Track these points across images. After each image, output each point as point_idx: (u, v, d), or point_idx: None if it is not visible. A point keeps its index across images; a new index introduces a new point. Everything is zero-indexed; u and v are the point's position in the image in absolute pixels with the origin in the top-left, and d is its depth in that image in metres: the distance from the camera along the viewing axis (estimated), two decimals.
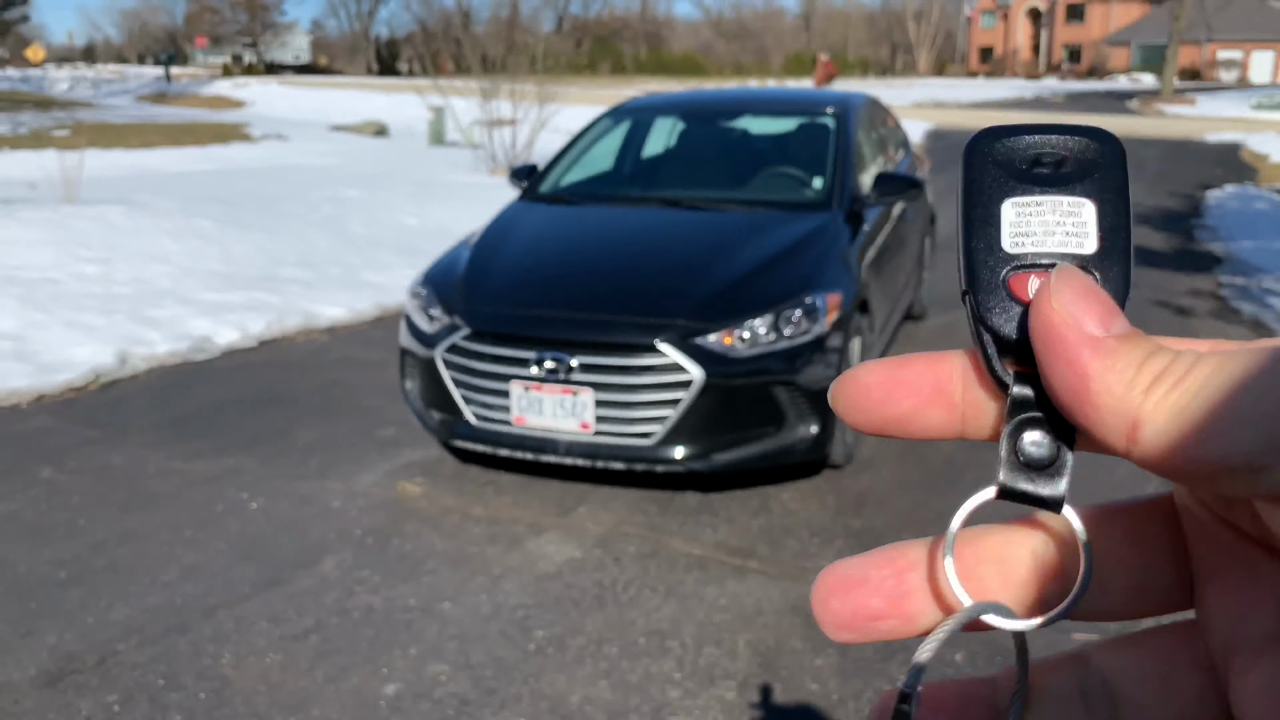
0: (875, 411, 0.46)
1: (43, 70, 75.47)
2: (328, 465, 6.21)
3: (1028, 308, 0.43)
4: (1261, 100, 47.62)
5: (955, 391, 0.46)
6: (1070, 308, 0.42)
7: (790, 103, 9.05)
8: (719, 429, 5.38)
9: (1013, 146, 0.46)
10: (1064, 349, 0.41)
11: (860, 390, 0.46)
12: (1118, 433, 0.40)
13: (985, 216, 0.45)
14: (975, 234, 0.45)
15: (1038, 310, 0.42)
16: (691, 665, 4.22)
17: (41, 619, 4.54)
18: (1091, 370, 0.40)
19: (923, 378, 0.46)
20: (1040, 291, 0.42)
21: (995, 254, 0.44)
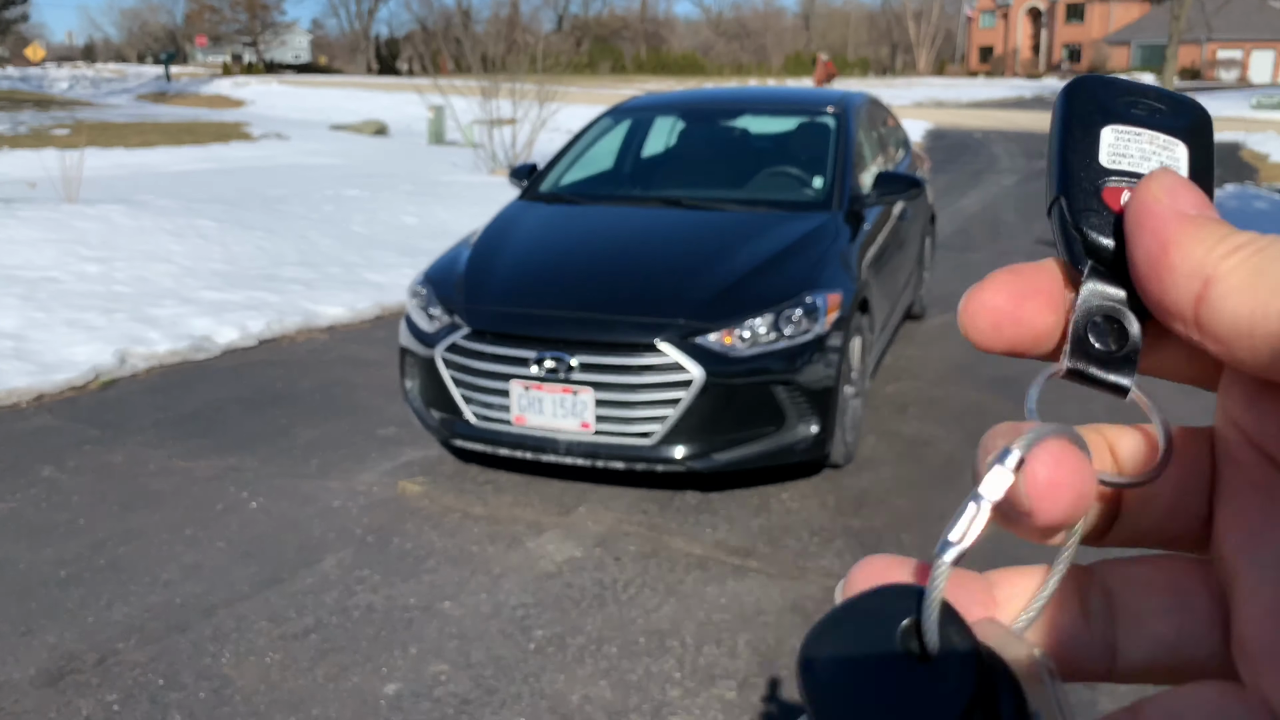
0: (1010, 330, 0.45)
1: (43, 69, 75.43)
2: (328, 464, 6.21)
3: (1119, 217, 0.43)
4: (1261, 99, 47.56)
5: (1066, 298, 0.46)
6: (1167, 191, 0.42)
7: (790, 102, 9.05)
8: (719, 428, 5.38)
9: (1114, 89, 0.46)
10: (1153, 220, 0.41)
11: (989, 312, 0.45)
12: (1188, 293, 0.40)
13: (1085, 136, 0.45)
14: (1073, 148, 0.45)
15: (1137, 195, 0.43)
16: (691, 664, 4.22)
17: (42, 618, 4.54)
18: (1174, 236, 0.41)
19: (1043, 286, 0.46)
20: (1141, 182, 0.43)
21: (1092, 167, 0.45)
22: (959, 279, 10.82)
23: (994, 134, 31.78)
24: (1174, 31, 57.96)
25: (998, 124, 36.26)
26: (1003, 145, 27.92)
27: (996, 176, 21.22)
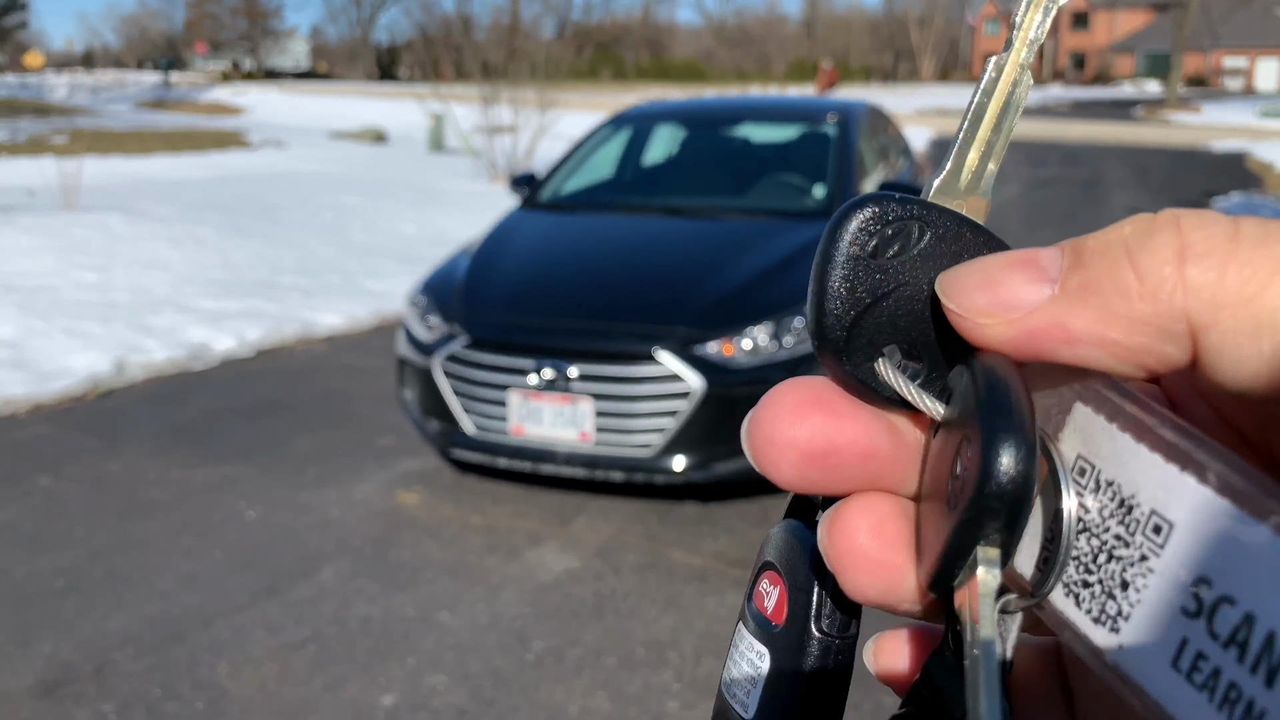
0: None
1: (41, 76, 75.47)
2: (326, 474, 6.19)
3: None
4: (1267, 108, 47.62)
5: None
6: (975, 298, 0.37)
7: (792, 111, 9.04)
8: (719, 439, 5.36)
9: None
10: (1038, 338, 0.36)
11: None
12: (1181, 343, 0.34)
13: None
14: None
15: (956, 323, 0.38)
16: (690, 676, 4.20)
17: (38, 628, 4.52)
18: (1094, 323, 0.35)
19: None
20: (943, 295, 0.38)
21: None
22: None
23: None
24: (1179, 40, 58.08)
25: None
26: (1006, 153, 27.55)
27: (1000, 185, 21.10)
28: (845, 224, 0.40)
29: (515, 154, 20.13)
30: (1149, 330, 0.34)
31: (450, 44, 70.81)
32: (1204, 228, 0.34)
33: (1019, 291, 0.36)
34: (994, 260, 0.38)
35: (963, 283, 0.38)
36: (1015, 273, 0.37)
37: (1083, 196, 19.48)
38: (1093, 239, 0.36)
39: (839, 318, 0.40)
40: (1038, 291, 0.36)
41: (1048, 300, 0.36)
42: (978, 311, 0.37)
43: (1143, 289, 0.34)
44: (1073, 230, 14.55)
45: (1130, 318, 0.34)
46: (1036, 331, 0.36)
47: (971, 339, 0.38)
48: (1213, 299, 0.33)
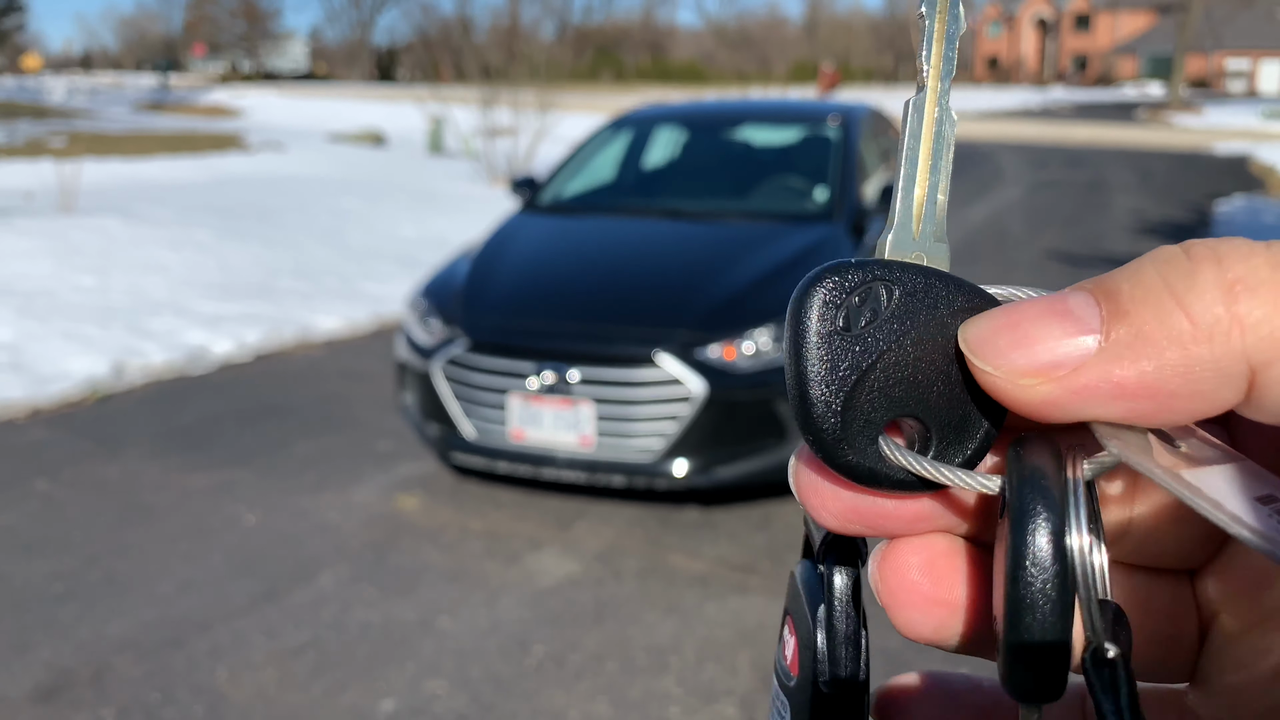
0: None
1: (39, 79, 75.50)
2: (325, 479, 6.17)
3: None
4: (1270, 110, 47.65)
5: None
6: (1012, 358, 0.35)
7: (793, 113, 9.02)
8: (721, 443, 5.34)
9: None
10: (1060, 368, 0.34)
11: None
12: (1237, 384, 0.33)
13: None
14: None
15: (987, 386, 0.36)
16: (692, 682, 4.18)
17: (36, 633, 4.50)
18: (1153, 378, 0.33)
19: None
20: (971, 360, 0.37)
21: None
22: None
23: (1000, 145, 31.78)
24: (1181, 42, 58.13)
25: (1004, 135, 36.27)
26: (1009, 156, 27.92)
27: (1003, 188, 21.22)
28: (808, 302, 0.38)
29: (515, 156, 20.13)
30: (1207, 376, 0.33)
31: (450, 46, 70.86)
32: (1246, 259, 0.33)
33: (1060, 348, 0.34)
34: (1023, 312, 0.35)
35: (994, 341, 0.35)
36: (1051, 326, 0.35)
37: (1085, 199, 19.48)
38: (1126, 282, 0.34)
39: (827, 404, 0.38)
40: (1081, 346, 0.34)
41: (1094, 355, 0.34)
42: (1017, 372, 0.35)
43: (1197, 333, 0.32)
44: (1076, 232, 14.55)
45: (1188, 365, 0.33)
46: (1085, 390, 0.34)
47: (1008, 402, 0.36)
48: (1272, 334, 0.31)
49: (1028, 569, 0.34)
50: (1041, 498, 0.35)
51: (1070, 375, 0.34)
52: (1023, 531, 0.35)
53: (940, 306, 0.38)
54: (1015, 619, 0.35)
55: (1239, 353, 0.32)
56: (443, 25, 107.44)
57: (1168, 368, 0.33)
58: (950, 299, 0.38)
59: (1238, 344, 0.32)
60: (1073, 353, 0.34)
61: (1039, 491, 0.35)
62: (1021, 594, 0.34)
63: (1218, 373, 0.32)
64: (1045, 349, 0.34)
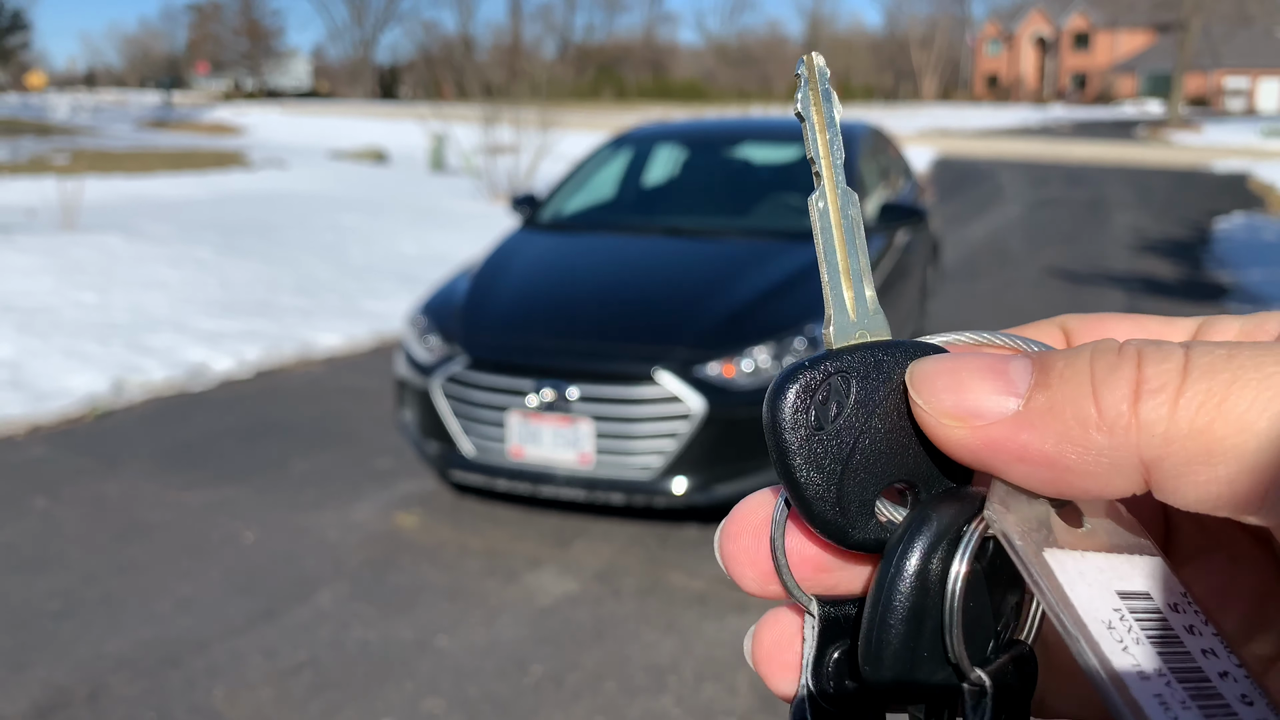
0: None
1: (43, 96, 75.62)
2: (324, 496, 6.15)
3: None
4: (1269, 128, 47.71)
5: None
6: (942, 398, 0.39)
7: (793, 131, 9.01)
8: (720, 461, 5.32)
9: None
10: (997, 451, 0.38)
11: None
12: (1131, 476, 0.36)
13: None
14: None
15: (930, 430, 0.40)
16: (691, 702, 4.16)
17: (34, 651, 4.49)
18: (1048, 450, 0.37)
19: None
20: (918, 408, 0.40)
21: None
22: (965, 309, 10.80)
23: (1000, 163, 31.82)
24: (1180, 60, 58.25)
25: (1004, 153, 36.32)
26: (1008, 174, 27.95)
27: (1003, 206, 21.24)
28: (780, 414, 0.41)
29: (516, 174, 20.15)
30: (1103, 462, 0.36)
31: (452, 64, 70.96)
32: (1160, 362, 0.35)
33: (984, 400, 0.38)
34: (965, 364, 0.39)
35: (932, 382, 0.39)
36: (984, 381, 0.38)
37: (1085, 217, 19.48)
38: (1062, 359, 0.38)
39: (823, 499, 0.41)
40: (1002, 404, 0.37)
41: (1010, 415, 0.37)
42: (942, 412, 0.38)
43: (1100, 422, 0.35)
44: (1075, 250, 14.54)
45: (1086, 447, 0.36)
46: (994, 444, 0.37)
47: (932, 436, 0.39)
48: (1165, 434, 0.34)
49: (890, 583, 0.39)
50: (918, 533, 0.39)
51: (985, 427, 0.37)
52: (889, 555, 0.40)
53: (895, 374, 0.41)
54: (870, 616, 0.40)
55: (1132, 447, 0.35)
56: (445, 43, 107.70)
57: (1067, 445, 0.36)
58: (901, 364, 0.41)
59: (1133, 439, 0.35)
60: (993, 408, 0.37)
61: (917, 527, 0.39)
62: (879, 594, 0.40)
63: (1112, 462, 0.35)
64: (971, 398, 0.38)
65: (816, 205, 0.42)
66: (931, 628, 0.39)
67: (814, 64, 0.43)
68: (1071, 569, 0.38)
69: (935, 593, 0.39)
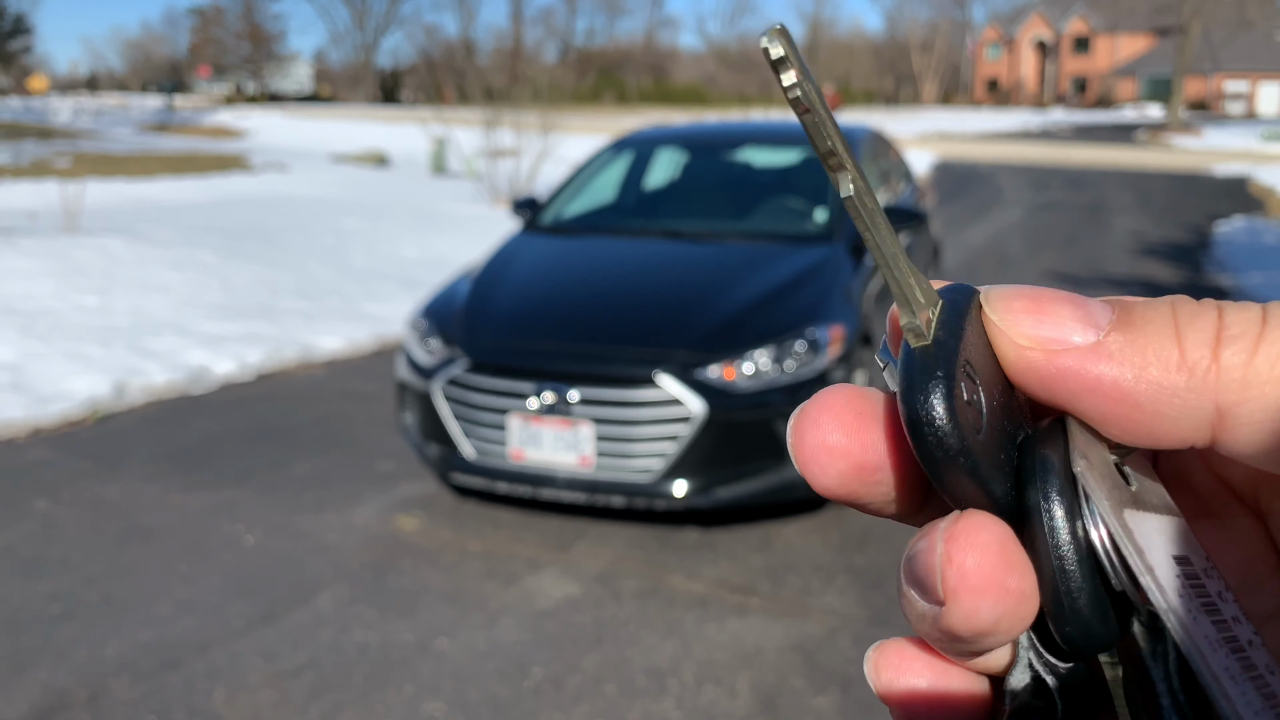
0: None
1: (45, 100, 75.62)
2: (324, 499, 6.15)
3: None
4: (1269, 132, 47.71)
5: None
6: (1020, 320, 0.38)
7: (793, 135, 9.03)
8: (721, 464, 5.33)
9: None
10: (1080, 383, 0.37)
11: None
12: (1199, 422, 0.36)
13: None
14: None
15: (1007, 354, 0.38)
16: (691, 704, 4.16)
17: (34, 654, 4.49)
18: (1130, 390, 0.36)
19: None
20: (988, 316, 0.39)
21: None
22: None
23: (1000, 167, 31.81)
24: (1180, 64, 58.28)
25: (1004, 156, 36.31)
26: (1009, 178, 27.94)
27: (1003, 209, 21.23)
28: (943, 427, 0.37)
29: (517, 177, 20.15)
30: (1176, 404, 0.36)
31: (453, 68, 70.96)
32: (1239, 311, 0.36)
33: (1063, 327, 0.37)
34: (1045, 290, 0.39)
35: (1011, 303, 0.38)
36: (1064, 309, 0.38)
37: (1085, 220, 19.48)
38: (1142, 303, 0.38)
39: (993, 466, 0.38)
40: (1082, 333, 0.37)
41: (1089, 345, 0.37)
42: (1019, 333, 0.38)
43: (1181, 362, 0.36)
44: (1076, 254, 14.54)
45: (1163, 386, 0.36)
46: (1069, 371, 0.37)
47: (1001, 355, 0.38)
48: (1244, 379, 0.35)
49: (1064, 563, 0.37)
50: (1051, 491, 0.38)
51: (1059, 353, 0.37)
52: (1050, 532, 0.38)
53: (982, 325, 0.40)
54: (1057, 610, 0.38)
55: (1210, 391, 0.35)
56: (446, 47, 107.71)
57: (1144, 383, 0.36)
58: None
59: (1211, 383, 0.35)
60: (1070, 335, 0.37)
61: (1048, 482, 0.38)
62: (1060, 586, 0.38)
63: (1185, 404, 0.35)
64: (1049, 323, 0.37)
65: (859, 198, 0.40)
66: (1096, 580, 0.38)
67: (789, 39, 0.41)
68: (1146, 531, 0.37)
69: (1083, 545, 0.37)
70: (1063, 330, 0.37)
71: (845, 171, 0.40)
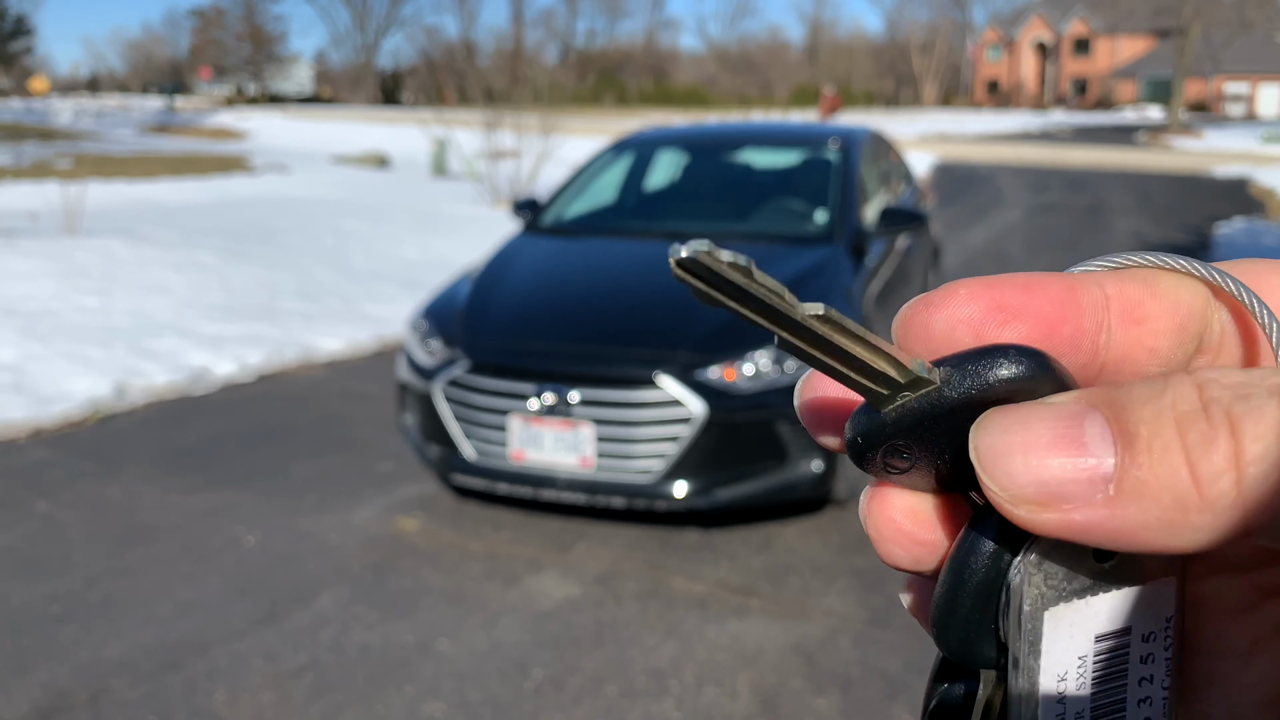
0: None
1: (46, 101, 75.64)
2: (325, 500, 6.16)
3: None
4: (1269, 134, 47.70)
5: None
6: (1020, 482, 0.35)
7: (793, 136, 9.04)
8: (721, 465, 5.33)
9: None
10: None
11: (957, 323, 0.40)
12: (1229, 537, 0.34)
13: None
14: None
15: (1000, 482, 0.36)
16: (691, 705, 4.16)
17: (34, 655, 4.49)
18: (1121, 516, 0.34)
19: (1056, 310, 0.41)
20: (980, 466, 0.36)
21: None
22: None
23: (1000, 168, 31.80)
24: (1180, 65, 58.26)
25: (1004, 158, 36.30)
26: (1009, 179, 27.92)
27: (1003, 210, 21.22)
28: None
29: (518, 179, 20.16)
30: (1199, 537, 0.33)
31: (454, 69, 70.96)
32: (1256, 424, 0.32)
33: (1067, 484, 0.34)
34: (1037, 435, 0.35)
35: (1007, 462, 0.35)
36: (1062, 455, 0.34)
37: (1085, 222, 19.48)
38: (1144, 425, 0.34)
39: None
40: (1089, 489, 0.34)
41: (1100, 500, 0.34)
42: (1022, 499, 0.35)
43: (1203, 504, 0.33)
44: (1076, 256, 14.52)
45: (1184, 525, 0.33)
46: (1086, 528, 0.34)
47: (1011, 519, 0.36)
48: (1272, 507, 0.32)
49: (959, 577, 0.39)
50: (987, 528, 0.38)
51: (1072, 511, 0.34)
52: (967, 534, 0.39)
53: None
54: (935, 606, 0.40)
55: (1237, 522, 0.32)
56: (447, 49, 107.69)
57: (1164, 523, 0.33)
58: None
59: (1238, 515, 0.32)
60: (1079, 493, 0.34)
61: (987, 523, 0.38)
62: (945, 589, 0.39)
63: (1211, 534, 0.33)
64: (1054, 481, 0.34)
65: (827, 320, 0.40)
66: (994, 608, 0.38)
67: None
68: (1064, 622, 0.37)
69: (1001, 579, 0.38)
70: (1069, 486, 0.34)
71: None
